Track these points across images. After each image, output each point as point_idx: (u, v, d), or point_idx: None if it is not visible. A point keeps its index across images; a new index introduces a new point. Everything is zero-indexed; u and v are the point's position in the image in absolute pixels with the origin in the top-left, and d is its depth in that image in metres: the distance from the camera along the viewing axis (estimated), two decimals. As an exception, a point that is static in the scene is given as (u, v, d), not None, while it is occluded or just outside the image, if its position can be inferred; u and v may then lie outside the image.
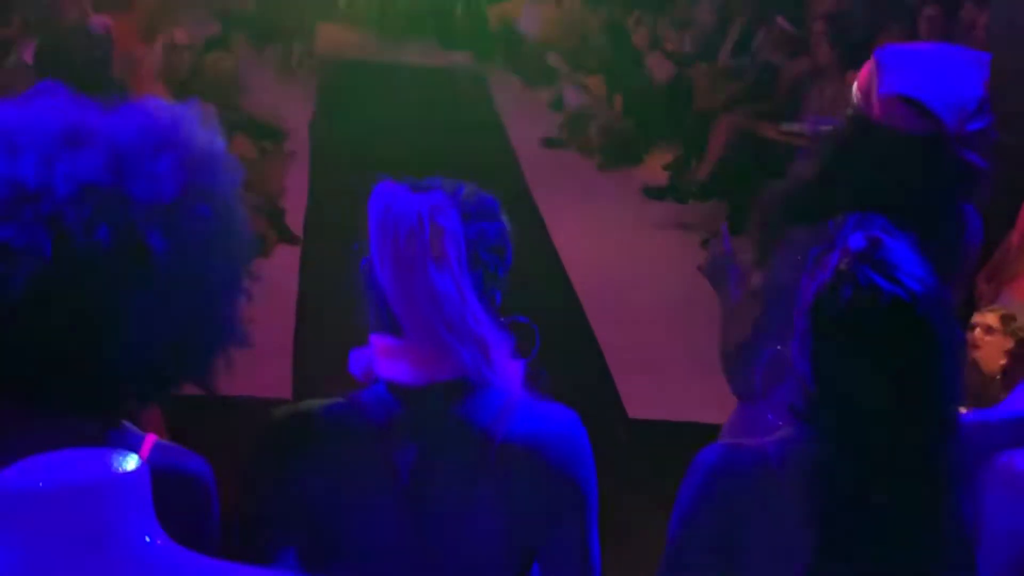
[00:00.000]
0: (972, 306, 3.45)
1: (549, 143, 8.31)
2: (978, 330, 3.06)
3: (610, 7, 9.40)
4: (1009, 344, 3.03)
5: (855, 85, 2.28)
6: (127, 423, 1.39)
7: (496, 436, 1.60)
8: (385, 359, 1.63)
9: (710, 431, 2.50)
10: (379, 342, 1.64)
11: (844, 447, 1.52)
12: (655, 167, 7.82)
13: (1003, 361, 3.01)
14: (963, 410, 1.64)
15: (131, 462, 1.05)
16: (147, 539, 1.04)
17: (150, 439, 1.39)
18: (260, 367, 4.60)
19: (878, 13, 7.04)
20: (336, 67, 9.30)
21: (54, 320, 1.21)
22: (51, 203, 1.19)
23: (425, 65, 9.61)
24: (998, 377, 2.99)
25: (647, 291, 6.03)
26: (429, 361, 1.60)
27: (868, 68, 2.25)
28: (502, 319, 1.67)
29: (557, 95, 8.97)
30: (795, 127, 6.42)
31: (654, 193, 7.48)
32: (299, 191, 6.53)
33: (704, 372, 3.16)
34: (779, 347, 1.58)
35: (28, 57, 4.59)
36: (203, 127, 1.40)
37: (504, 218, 1.69)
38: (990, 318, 3.08)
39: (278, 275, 5.46)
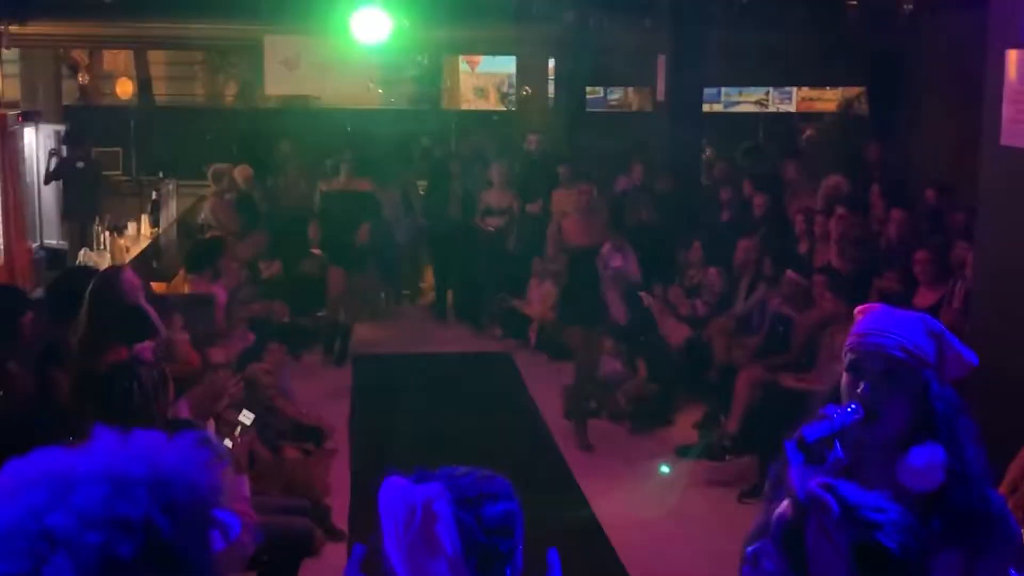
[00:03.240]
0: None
1: (580, 414, 8.52)
2: None
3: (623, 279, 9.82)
4: None
5: None
6: None
7: None
8: None
9: None
10: None
11: None
12: (685, 426, 8.00)
13: None
14: None
15: None
16: None
17: None
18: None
19: (876, 261, 7.41)
20: (370, 362, 9.67)
21: None
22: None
23: (454, 352, 9.98)
24: None
25: (689, 549, 6.08)
26: None
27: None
28: None
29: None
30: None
31: (687, 452, 7.62)
32: (342, 488, 6.72)
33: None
34: None
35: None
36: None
37: (514, 499, 1.83)
38: None
39: (328, 574, 5.57)
